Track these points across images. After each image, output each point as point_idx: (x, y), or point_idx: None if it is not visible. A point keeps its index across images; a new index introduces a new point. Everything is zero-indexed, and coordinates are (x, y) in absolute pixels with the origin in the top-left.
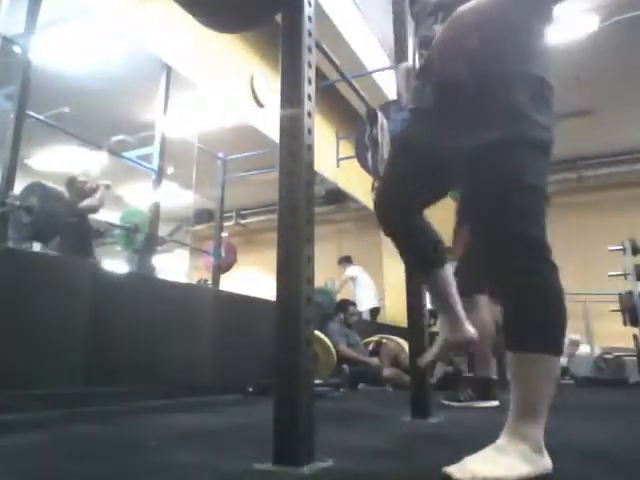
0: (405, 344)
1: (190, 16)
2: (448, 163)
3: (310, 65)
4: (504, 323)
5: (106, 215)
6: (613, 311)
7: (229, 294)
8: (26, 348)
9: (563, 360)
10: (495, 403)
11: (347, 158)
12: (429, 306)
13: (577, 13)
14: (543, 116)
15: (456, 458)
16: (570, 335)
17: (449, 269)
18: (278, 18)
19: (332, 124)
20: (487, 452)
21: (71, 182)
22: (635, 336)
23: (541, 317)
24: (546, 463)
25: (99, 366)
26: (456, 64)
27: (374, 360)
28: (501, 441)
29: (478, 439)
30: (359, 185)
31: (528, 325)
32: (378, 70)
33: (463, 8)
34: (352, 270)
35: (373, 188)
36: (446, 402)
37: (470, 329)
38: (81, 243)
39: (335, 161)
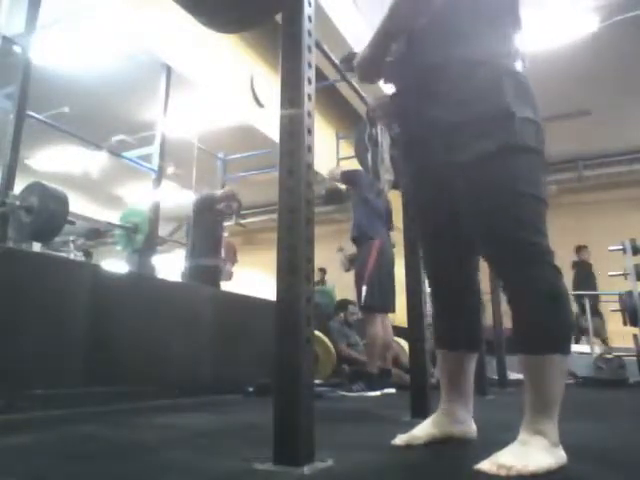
0: (405, 344)
1: (190, 16)
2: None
3: (310, 65)
4: (516, 328)
5: (106, 215)
6: (613, 311)
7: (229, 294)
8: (26, 348)
9: None
10: (377, 393)
11: (347, 158)
12: (429, 306)
13: (577, 13)
14: (529, 111)
15: (457, 458)
16: None
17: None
18: (278, 18)
19: (332, 124)
20: (514, 448)
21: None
22: (635, 336)
23: (552, 320)
24: (563, 455)
25: (99, 366)
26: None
27: None
28: (522, 437)
29: (478, 439)
30: None
31: (540, 328)
32: None
33: None
34: None
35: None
36: (343, 393)
37: (474, 428)
38: None
39: (335, 161)
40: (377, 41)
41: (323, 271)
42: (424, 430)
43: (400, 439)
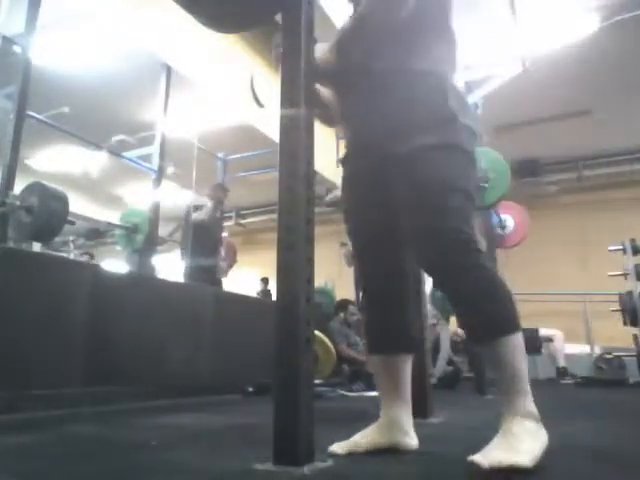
0: None
1: (190, 16)
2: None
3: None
4: (462, 322)
5: (106, 215)
6: (613, 311)
7: (229, 294)
8: (26, 348)
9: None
10: (377, 393)
11: None
12: (429, 306)
13: (577, 13)
14: (470, 120)
15: (457, 458)
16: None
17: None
18: (278, 18)
19: None
20: (501, 439)
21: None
22: (635, 336)
23: (495, 304)
24: (544, 433)
25: (99, 366)
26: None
27: None
28: (505, 425)
29: (478, 439)
30: None
31: (486, 316)
32: None
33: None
34: None
35: None
36: (343, 393)
37: (416, 438)
38: None
39: (335, 161)
40: (344, 50)
41: (265, 281)
42: (366, 438)
43: (340, 447)
